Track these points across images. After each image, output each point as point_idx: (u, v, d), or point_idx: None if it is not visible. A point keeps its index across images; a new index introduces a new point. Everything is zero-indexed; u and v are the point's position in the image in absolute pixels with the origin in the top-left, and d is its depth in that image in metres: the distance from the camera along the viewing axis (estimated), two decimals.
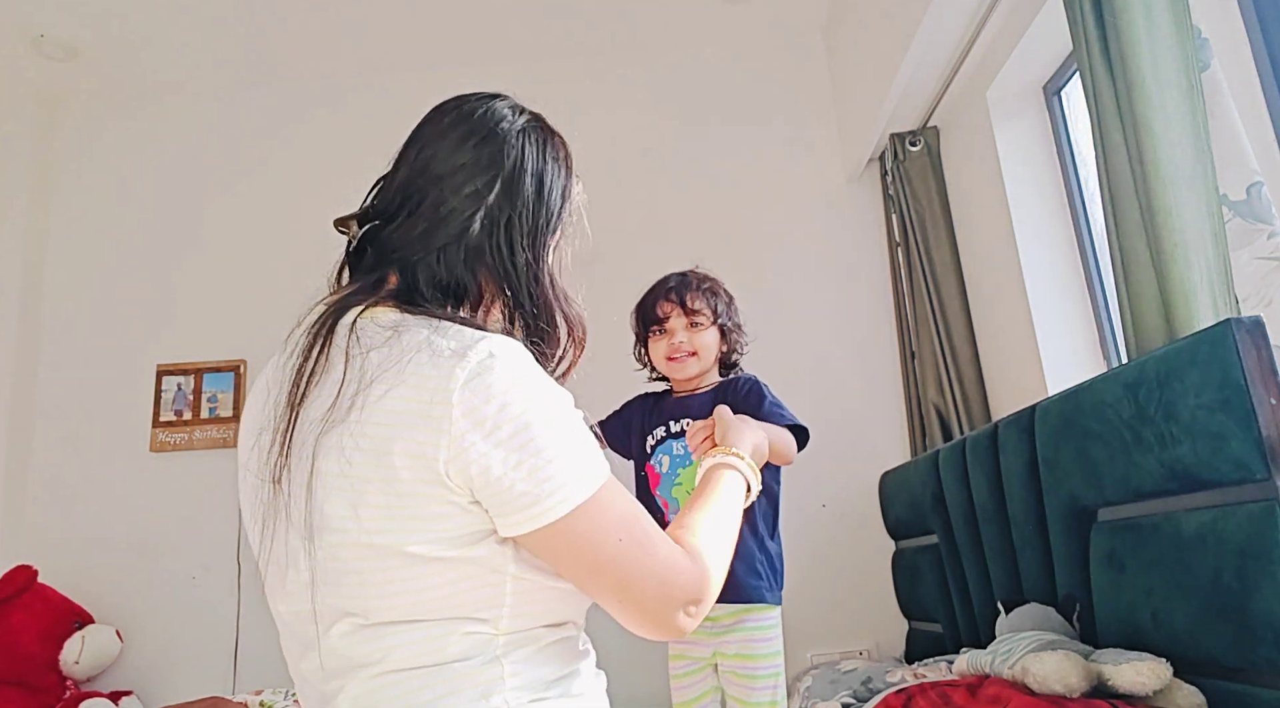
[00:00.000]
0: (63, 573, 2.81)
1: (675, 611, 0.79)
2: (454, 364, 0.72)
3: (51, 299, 3.17)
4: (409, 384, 0.73)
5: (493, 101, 0.98)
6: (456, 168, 0.88)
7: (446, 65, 3.37)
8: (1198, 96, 1.55)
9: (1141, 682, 1.31)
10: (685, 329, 1.59)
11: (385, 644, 0.76)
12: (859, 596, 2.83)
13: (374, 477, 0.73)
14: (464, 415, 0.71)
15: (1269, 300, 1.47)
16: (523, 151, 0.93)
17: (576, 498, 0.74)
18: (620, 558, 0.76)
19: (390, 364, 0.74)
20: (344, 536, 0.75)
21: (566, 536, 0.75)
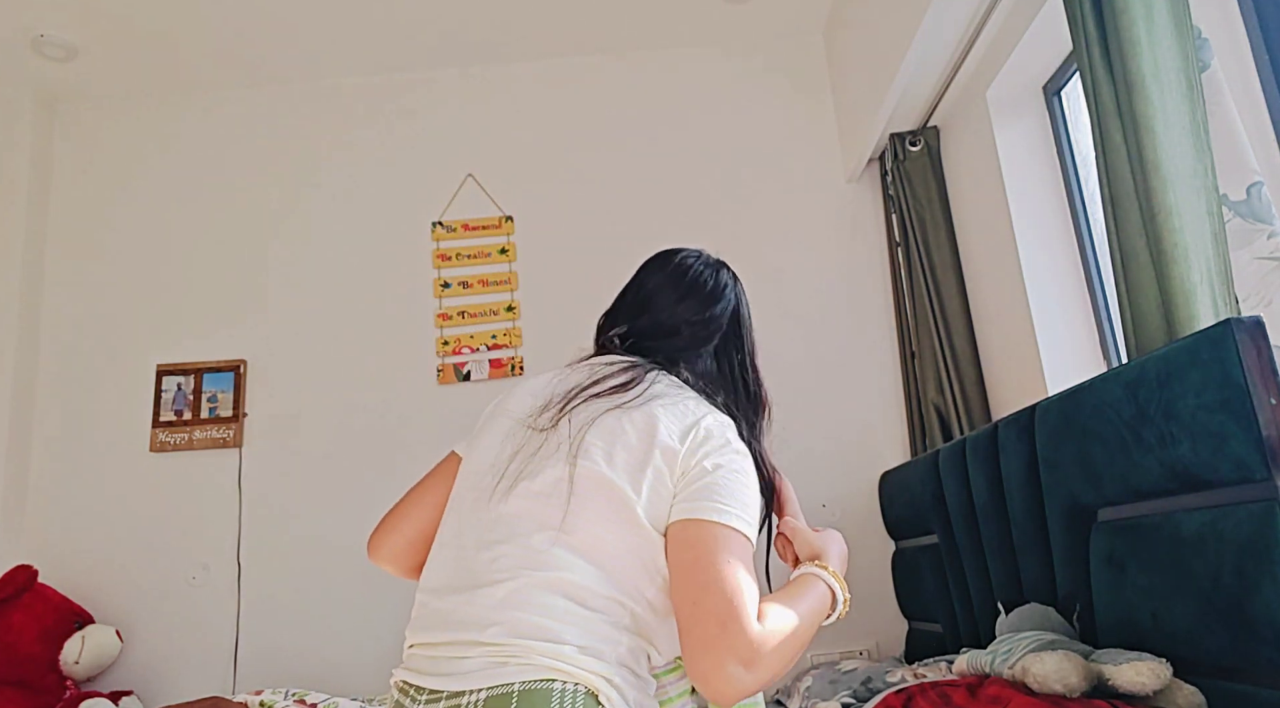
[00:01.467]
0: (63, 573, 2.81)
1: (731, 652, 0.86)
2: (714, 413, 1.07)
3: (51, 299, 3.17)
4: (685, 406, 1.06)
5: (718, 270, 1.31)
6: (692, 312, 1.23)
7: (447, 66, 3.38)
8: (1198, 96, 1.55)
9: (1141, 682, 1.31)
10: None
11: (565, 561, 0.95)
12: (859, 596, 2.83)
13: (639, 444, 1.00)
14: (714, 434, 1.02)
15: (1269, 300, 1.47)
16: (736, 298, 1.28)
17: (736, 524, 0.94)
18: (719, 572, 0.90)
19: (672, 393, 1.08)
20: (593, 465, 1.00)
21: (710, 534, 0.93)
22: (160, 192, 3.28)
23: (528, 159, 3.29)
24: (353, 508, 2.95)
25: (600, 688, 0.90)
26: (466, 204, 3.24)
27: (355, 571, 2.89)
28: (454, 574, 1.00)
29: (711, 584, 0.89)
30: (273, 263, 3.21)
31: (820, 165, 3.25)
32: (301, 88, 3.38)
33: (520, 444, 1.06)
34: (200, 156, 3.32)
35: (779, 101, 3.32)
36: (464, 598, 0.96)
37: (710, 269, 1.27)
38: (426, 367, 3.08)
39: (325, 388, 3.08)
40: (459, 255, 3.19)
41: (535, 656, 0.89)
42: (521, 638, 0.90)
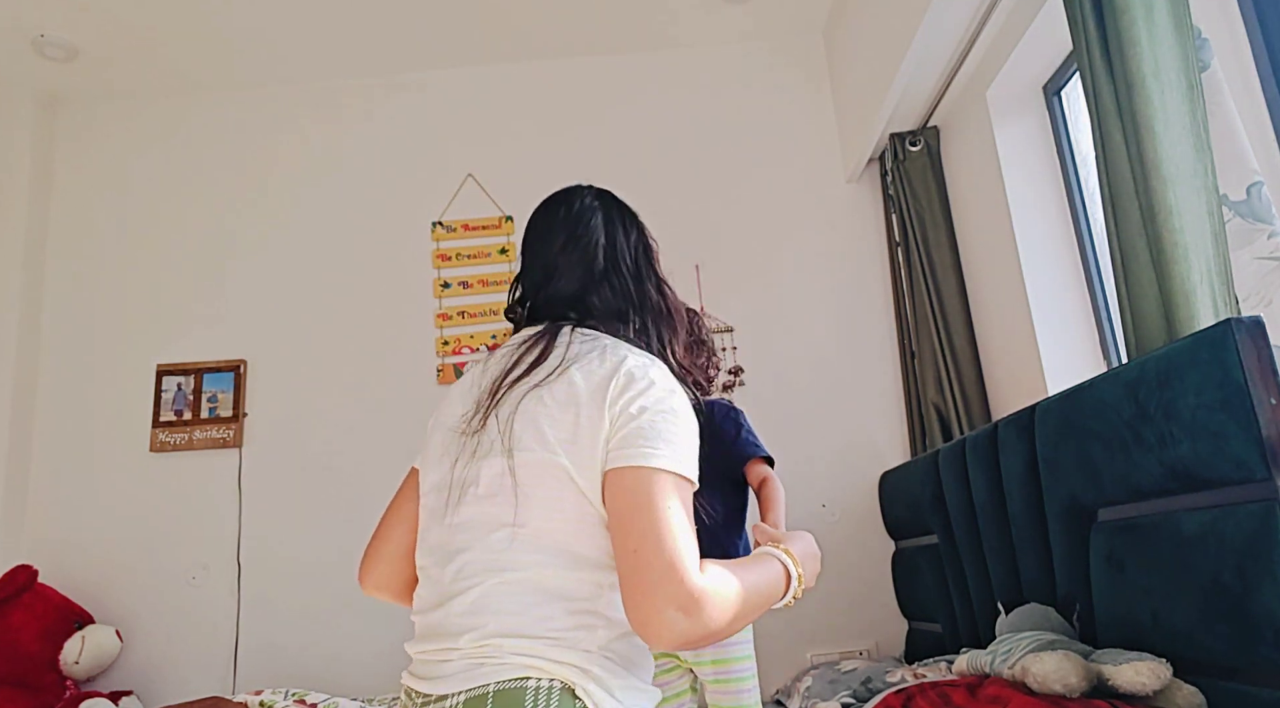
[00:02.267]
0: (63, 573, 2.81)
1: (672, 597, 0.86)
2: (634, 356, 1.03)
3: (51, 299, 3.17)
4: (605, 360, 1.02)
5: (574, 198, 1.24)
6: (565, 254, 1.17)
7: (447, 66, 3.38)
8: (1198, 96, 1.55)
9: (1141, 682, 1.31)
10: None
11: (529, 558, 0.95)
12: (859, 596, 2.83)
13: (562, 415, 0.98)
14: (635, 376, 0.99)
15: (1269, 300, 1.47)
16: (605, 220, 1.20)
17: (667, 465, 0.92)
18: (656, 517, 0.89)
19: (585, 349, 1.04)
20: (528, 453, 0.98)
21: (645, 481, 0.92)
22: (160, 191, 3.28)
23: (528, 159, 3.29)
24: (353, 508, 2.95)
25: (576, 681, 0.90)
26: (466, 204, 3.24)
27: (355, 571, 2.89)
28: (430, 593, 1.01)
29: (649, 531, 0.89)
30: (273, 263, 3.21)
31: (820, 165, 3.25)
32: (302, 88, 3.38)
33: (458, 452, 1.06)
34: (200, 156, 3.32)
35: (779, 102, 3.32)
36: (441, 613, 0.97)
37: (568, 204, 1.22)
38: (426, 367, 3.08)
39: (325, 388, 3.08)
40: (459, 255, 3.19)
41: (508, 655, 0.91)
42: (494, 638, 0.91)
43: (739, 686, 1.59)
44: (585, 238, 1.16)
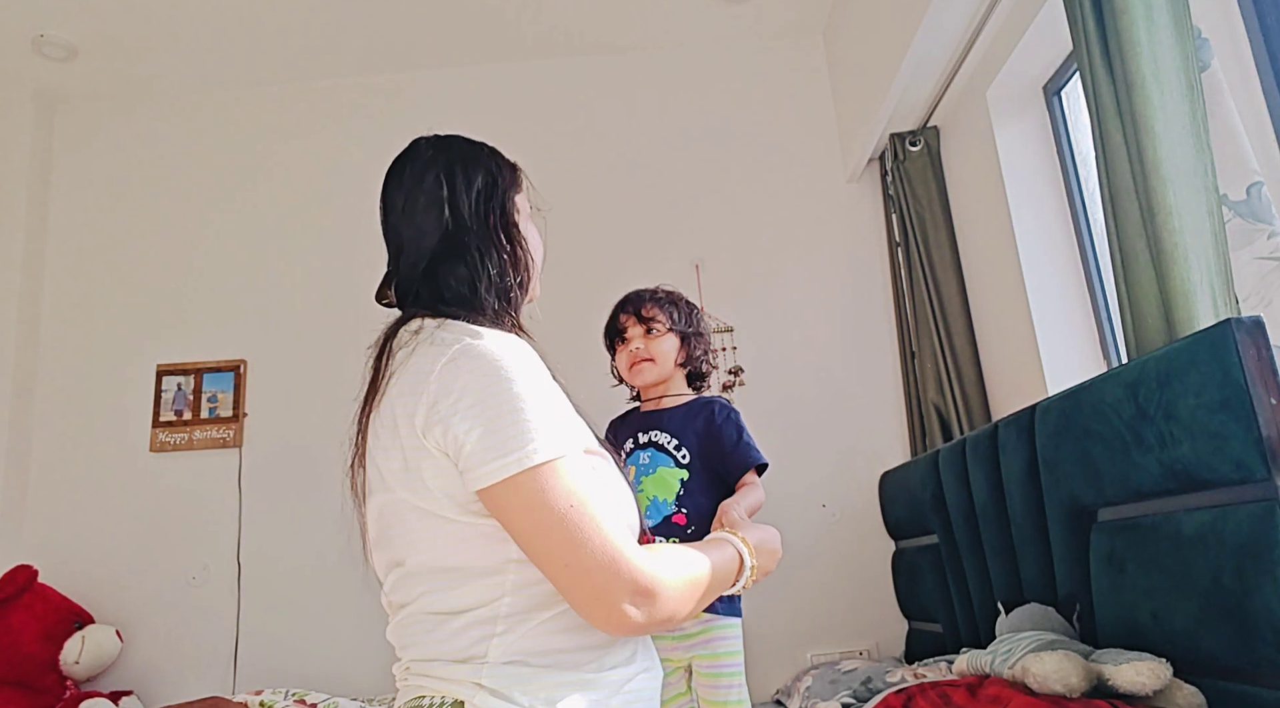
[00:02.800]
0: (63, 573, 2.81)
1: (621, 596, 0.83)
2: (439, 353, 0.90)
3: (51, 299, 3.17)
4: (409, 372, 0.92)
5: (412, 155, 1.12)
6: (406, 221, 1.06)
7: (447, 66, 3.38)
8: (1198, 96, 1.55)
9: (1141, 682, 1.31)
10: (641, 337, 1.64)
11: (417, 590, 0.93)
12: (859, 596, 2.83)
13: (390, 445, 0.92)
14: (438, 389, 0.88)
15: (1269, 300, 1.47)
16: (436, 175, 1.07)
17: (529, 461, 0.84)
18: (568, 522, 0.84)
19: (403, 359, 0.93)
20: (381, 495, 0.96)
21: (518, 492, 0.84)
22: (160, 191, 3.28)
23: (526, 159, 3.26)
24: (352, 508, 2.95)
25: (467, 696, 0.87)
26: None
27: (355, 571, 2.89)
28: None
29: (569, 542, 0.83)
30: (273, 263, 3.21)
31: (820, 165, 3.25)
32: (302, 88, 3.38)
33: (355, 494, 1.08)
34: (200, 156, 3.32)
35: (779, 102, 3.32)
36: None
37: (410, 161, 1.11)
38: None
39: (325, 388, 3.08)
40: None
41: (412, 677, 0.93)
42: (408, 664, 0.94)
43: (728, 681, 1.60)
44: (423, 200, 1.04)
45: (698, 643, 1.65)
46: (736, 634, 1.68)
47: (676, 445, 1.57)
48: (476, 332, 0.92)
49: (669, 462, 1.55)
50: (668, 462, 1.55)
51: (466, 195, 1.05)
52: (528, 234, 1.11)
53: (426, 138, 1.13)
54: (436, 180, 1.05)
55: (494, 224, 1.05)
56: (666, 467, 1.55)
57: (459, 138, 1.13)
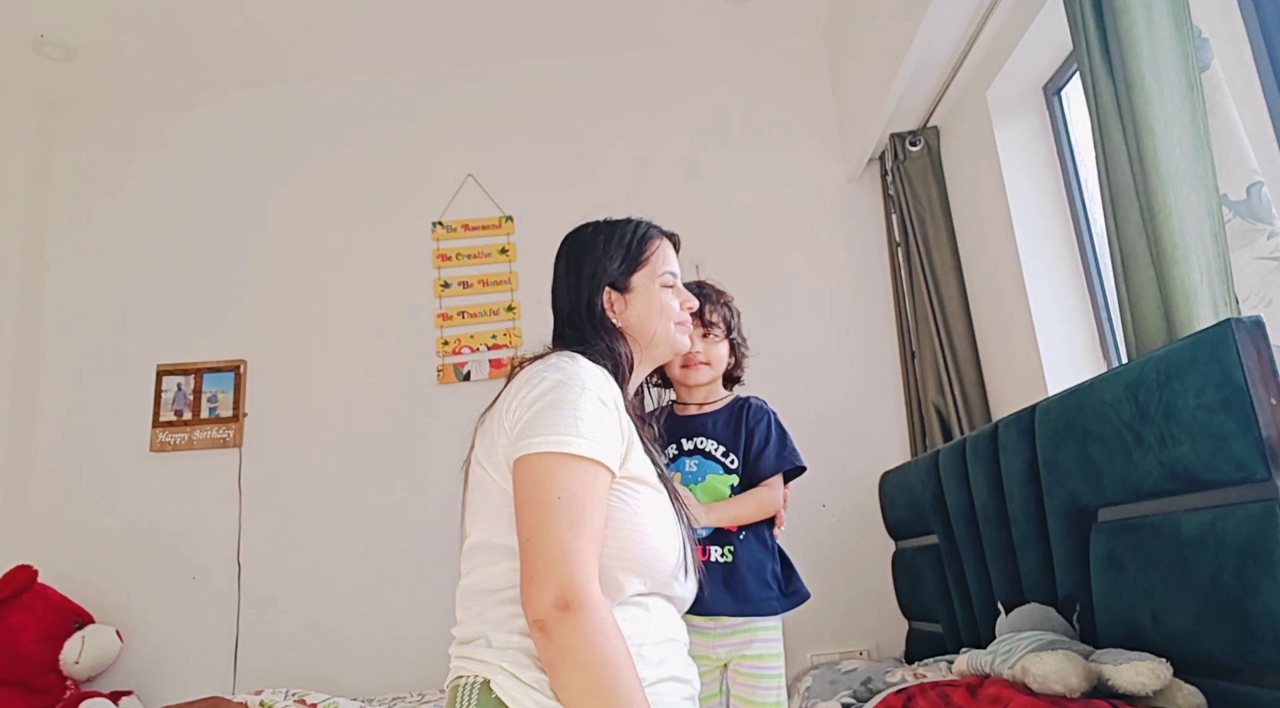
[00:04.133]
0: (63, 573, 2.81)
1: (549, 589, 0.91)
2: (543, 363, 1.11)
3: (51, 299, 3.17)
4: (521, 375, 1.12)
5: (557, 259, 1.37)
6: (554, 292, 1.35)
7: (447, 65, 3.38)
8: (1198, 96, 1.54)
9: (1141, 682, 1.31)
10: (700, 339, 1.60)
11: (469, 564, 1.07)
12: (859, 596, 2.83)
13: (495, 429, 1.09)
14: (531, 382, 1.07)
15: (1269, 300, 1.47)
16: (568, 261, 1.33)
17: (549, 448, 0.98)
18: (546, 507, 0.95)
19: (529, 371, 1.12)
20: (473, 470, 1.11)
21: (529, 470, 0.99)
22: (160, 191, 3.28)
23: (528, 159, 3.29)
24: (352, 508, 2.95)
25: (492, 676, 0.96)
26: (466, 204, 3.24)
27: (355, 571, 2.90)
28: None
29: (538, 522, 0.95)
30: (273, 263, 3.21)
31: (820, 165, 3.25)
32: (301, 88, 3.38)
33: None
34: (200, 156, 3.32)
35: (779, 101, 3.32)
36: None
37: (561, 250, 1.37)
38: (426, 367, 3.08)
39: (325, 388, 3.08)
40: (459, 255, 3.19)
41: (455, 659, 1.02)
42: (457, 643, 1.04)
43: (768, 682, 1.57)
44: (556, 281, 1.33)
45: (739, 643, 1.59)
46: (777, 637, 1.63)
47: (724, 452, 1.56)
48: (577, 358, 1.11)
49: (717, 469, 1.54)
50: (716, 469, 1.54)
51: (573, 280, 1.29)
52: (634, 318, 1.28)
53: (576, 228, 1.39)
54: (561, 273, 1.32)
55: (592, 317, 1.25)
56: (715, 474, 1.53)
57: (592, 226, 1.38)
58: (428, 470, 2.96)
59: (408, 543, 2.90)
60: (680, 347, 1.32)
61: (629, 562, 1.03)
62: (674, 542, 1.08)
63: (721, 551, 1.50)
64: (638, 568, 1.04)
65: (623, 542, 1.02)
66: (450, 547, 2.93)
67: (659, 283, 1.31)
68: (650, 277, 1.31)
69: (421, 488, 2.95)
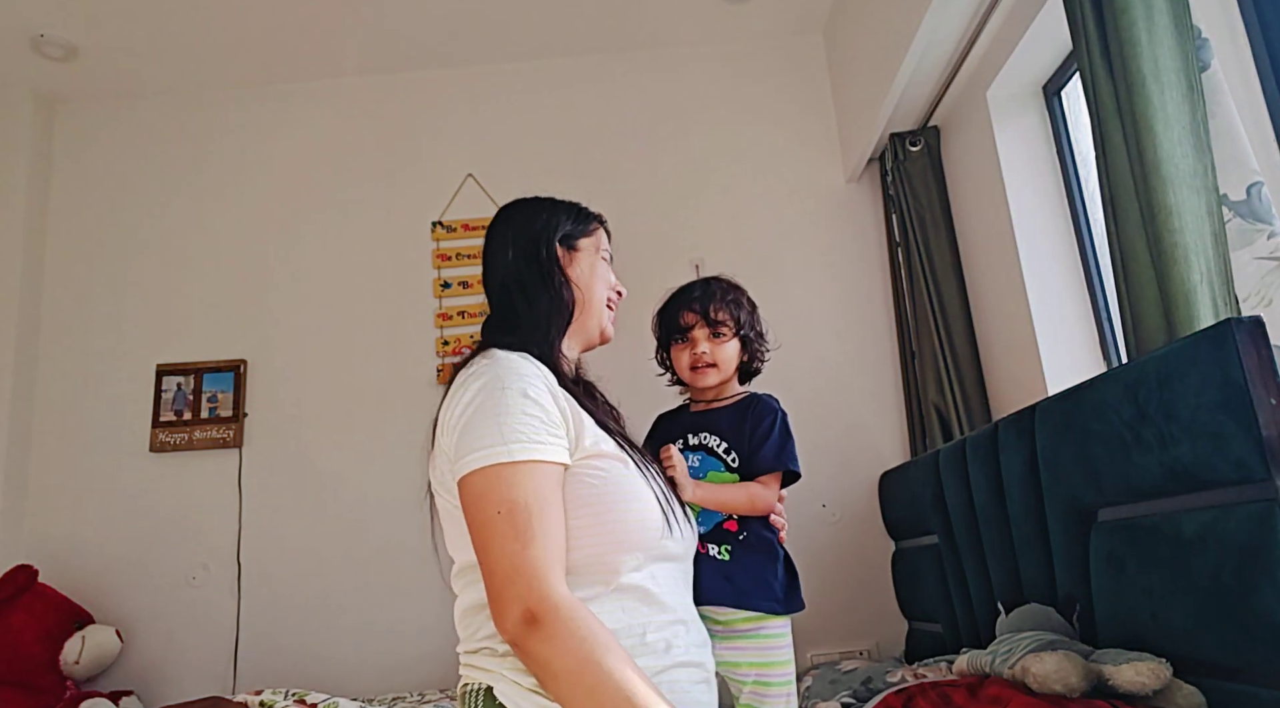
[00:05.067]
0: (63, 573, 2.81)
1: (512, 605, 0.91)
2: (466, 371, 1.09)
3: (51, 299, 3.17)
4: (451, 389, 1.10)
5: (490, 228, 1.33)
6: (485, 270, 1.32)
7: (447, 65, 3.37)
8: (1198, 96, 1.55)
9: (1141, 682, 1.31)
10: (707, 340, 1.56)
11: (458, 585, 1.08)
12: (859, 596, 2.83)
13: (439, 452, 1.09)
14: (455, 400, 1.05)
15: (1269, 300, 1.47)
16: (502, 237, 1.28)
17: (480, 464, 0.96)
18: (489, 526, 0.94)
19: (455, 383, 1.10)
20: (437, 498, 1.11)
21: (467, 491, 0.98)
22: (160, 191, 3.28)
23: (528, 159, 3.29)
24: (353, 508, 2.95)
25: (495, 683, 0.98)
26: (466, 204, 3.24)
27: (355, 571, 2.89)
28: None
29: (486, 544, 0.94)
30: (273, 263, 3.21)
31: (820, 165, 3.25)
32: (302, 87, 3.38)
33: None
34: (200, 156, 3.32)
35: (779, 101, 3.32)
36: None
37: (489, 232, 1.32)
38: (426, 367, 3.08)
39: (325, 388, 3.08)
40: (459, 255, 3.19)
41: (462, 668, 1.06)
42: (462, 653, 1.07)
43: (777, 690, 1.50)
44: (490, 252, 1.28)
45: (741, 637, 1.51)
46: (787, 642, 1.55)
47: (725, 448, 1.51)
48: (494, 354, 1.08)
49: (718, 466, 1.50)
50: (717, 466, 1.50)
51: (517, 244, 1.23)
52: (580, 274, 1.24)
53: (510, 202, 1.33)
54: (500, 237, 1.27)
55: (537, 264, 1.21)
56: (716, 471, 1.49)
57: (530, 198, 1.33)
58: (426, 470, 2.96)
59: (408, 543, 2.90)
60: (607, 328, 1.30)
61: (614, 542, 1.01)
62: (651, 503, 1.06)
63: (719, 549, 1.47)
64: (624, 545, 1.02)
65: (602, 525, 1.01)
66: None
67: (600, 255, 1.31)
68: (594, 246, 1.30)
69: (421, 488, 2.93)
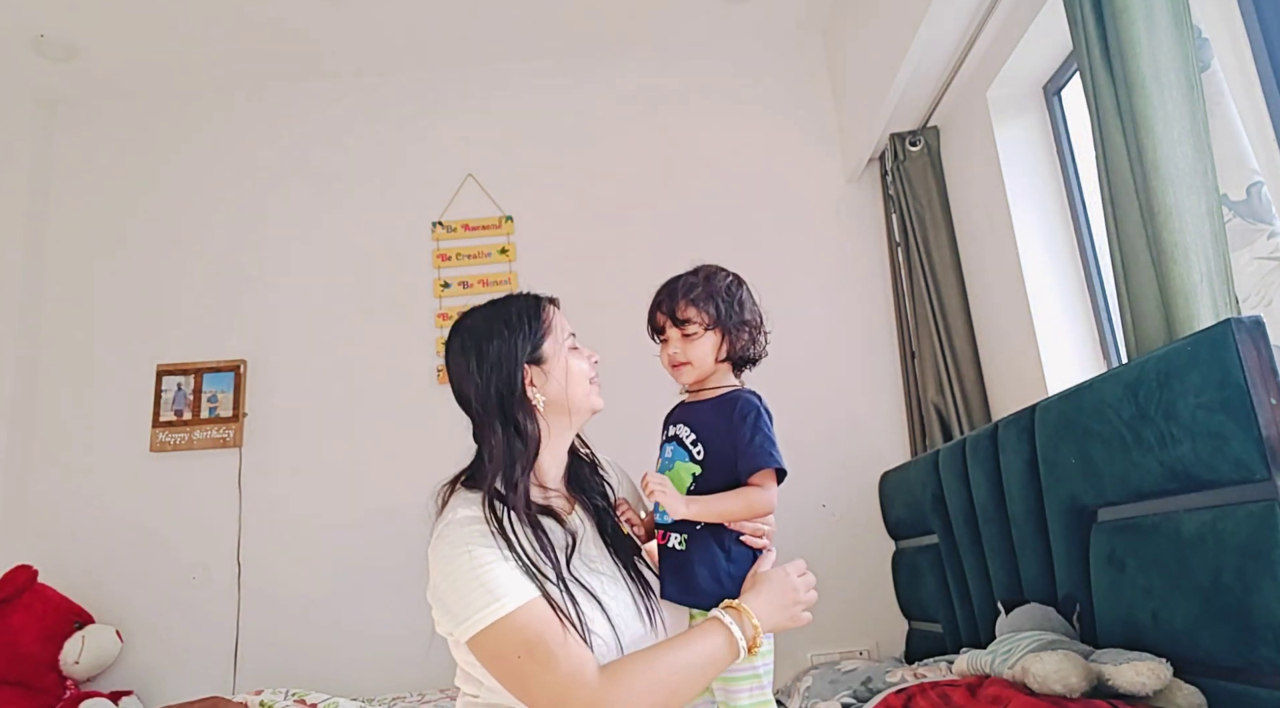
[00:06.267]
0: (63, 573, 2.81)
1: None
2: (434, 532, 1.20)
3: (51, 299, 3.17)
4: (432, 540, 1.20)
5: (448, 345, 1.32)
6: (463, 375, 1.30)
7: (447, 65, 3.38)
8: (1198, 96, 1.54)
9: (1141, 682, 1.31)
10: (679, 340, 1.55)
11: (458, 670, 1.22)
12: (859, 596, 2.83)
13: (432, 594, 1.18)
14: (431, 559, 1.17)
15: (1269, 300, 1.47)
16: (463, 364, 1.28)
17: (480, 627, 1.07)
18: (518, 672, 1.06)
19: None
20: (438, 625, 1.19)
21: (480, 650, 1.09)
22: (160, 191, 3.28)
23: (528, 159, 3.29)
24: (352, 508, 2.95)
25: None
26: (466, 204, 3.24)
27: (355, 570, 2.89)
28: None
29: (524, 689, 1.06)
30: (273, 263, 3.21)
31: (820, 165, 3.25)
32: (302, 88, 3.38)
33: None
34: (200, 156, 3.32)
35: (779, 101, 3.32)
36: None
37: (447, 344, 1.32)
38: (426, 367, 3.08)
39: (325, 388, 3.08)
40: (459, 255, 3.19)
41: None
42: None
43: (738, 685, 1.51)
44: (453, 381, 1.29)
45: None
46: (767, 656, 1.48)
47: (694, 441, 1.52)
48: (454, 509, 1.19)
49: (685, 456, 1.50)
50: (684, 456, 1.50)
51: (482, 367, 1.24)
52: (554, 384, 1.27)
53: (458, 318, 1.32)
54: (459, 364, 1.27)
55: (508, 390, 1.24)
56: (682, 461, 1.49)
57: (477, 312, 1.30)
58: (427, 470, 2.93)
59: (407, 543, 2.89)
60: (596, 406, 1.36)
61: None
62: (622, 611, 1.19)
63: (679, 539, 1.46)
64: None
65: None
66: None
67: (565, 346, 1.33)
68: (557, 343, 1.31)
69: (421, 488, 2.93)
